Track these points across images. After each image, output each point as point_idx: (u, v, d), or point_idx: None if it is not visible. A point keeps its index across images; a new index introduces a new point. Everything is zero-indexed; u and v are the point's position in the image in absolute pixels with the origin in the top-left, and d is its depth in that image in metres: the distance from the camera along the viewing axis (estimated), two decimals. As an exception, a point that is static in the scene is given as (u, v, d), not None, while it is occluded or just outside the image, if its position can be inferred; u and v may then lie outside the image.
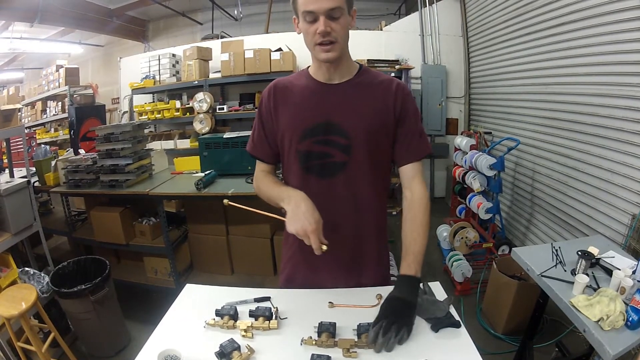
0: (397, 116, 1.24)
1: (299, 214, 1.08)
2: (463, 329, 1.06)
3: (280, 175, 1.39)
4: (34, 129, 7.20)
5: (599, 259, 1.74)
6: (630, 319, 1.36)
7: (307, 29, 1.13)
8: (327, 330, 1.04)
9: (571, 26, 3.00)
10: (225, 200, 1.28)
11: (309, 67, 1.31)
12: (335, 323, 1.06)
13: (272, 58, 4.66)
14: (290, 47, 4.94)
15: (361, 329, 1.04)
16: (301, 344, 1.03)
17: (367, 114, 1.22)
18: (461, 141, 4.12)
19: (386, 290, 1.22)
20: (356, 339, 1.02)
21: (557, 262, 1.77)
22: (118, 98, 6.69)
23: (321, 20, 1.09)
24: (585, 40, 2.85)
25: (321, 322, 1.06)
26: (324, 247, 1.06)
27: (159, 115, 5.33)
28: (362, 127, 1.21)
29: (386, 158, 1.30)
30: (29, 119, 7.29)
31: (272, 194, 1.25)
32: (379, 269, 1.36)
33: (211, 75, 5.11)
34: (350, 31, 1.18)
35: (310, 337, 1.04)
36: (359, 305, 1.17)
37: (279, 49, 4.85)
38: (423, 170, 1.31)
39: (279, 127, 1.29)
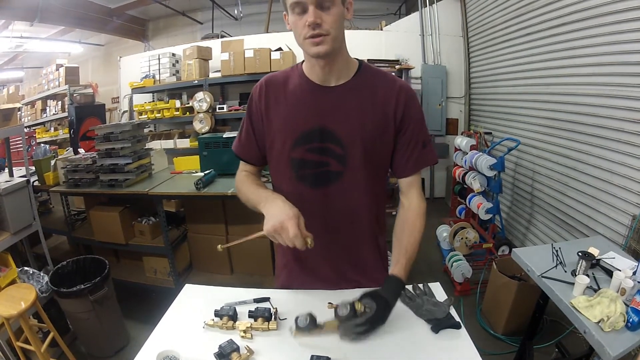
0: (397, 123, 1.15)
1: (275, 209, 1.02)
2: (463, 330, 1.06)
3: (267, 178, 1.34)
4: (33, 128, 7.20)
5: (600, 259, 1.74)
6: (631, 320, 1.36)
7: (296, 22, 1.02)
8: (305, 330, 1.00)
9: (571, 26, 3.00)
10: (219, 246, 1.16)
11: (303, 61, 1.20)
12: (310, 313, 1.02)
13: (272, 58, 4.67)
14: (290, 46, 4.93)
15: (338, 312, 1.01)
16: (294, 337, 1.02)
17: (364, 121, 1.14)
18: (461, 141, 4.11)
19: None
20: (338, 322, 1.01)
21: (558, 262, 1.77)
22: (118, 97, 6.70)
23: (310, 10, 0.99)
24: (585, 40, 2.85)
25: (295, 320, 1.02)
26: (309, 241, 0.99)
27: (159, 115, 5.34)
28: (358, 136, 1.13)
29: (384, 166, 1.23)
30: (29, 118, 7.29)
31: (251, 197, 1.19)
32: (378, 275, 1.29)
33: (211, 75, 5.12)
34: (349, 31, 1.13)
35: (296, 327, 1.01)
36: (358, 306, 1.16)
37: (279, 49, 4.85)
38: (420, 179, 1.25)
39: (270, 128, 1.21)
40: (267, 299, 1.23)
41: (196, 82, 5.01)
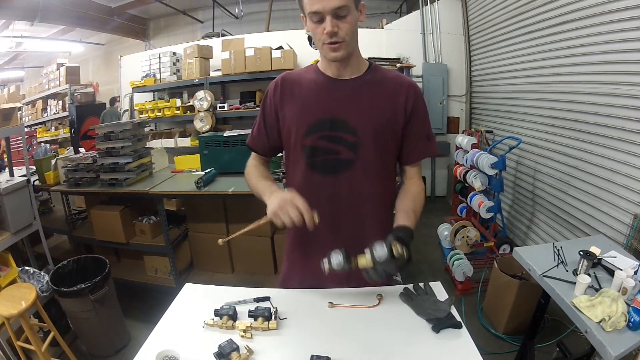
0: (407, 116, 1.23)
1: (278, 196, 1.12)
2: (464, 330, 1.06)
3: (282, 172, 1.38)
4: (34, 127, 7.22)
5: (601, 259, 1.73)
6: (632, 319, 1.35)
7: (315, 29, 1.11)
8: (339, 268, 1.08)
9: (573, 25, 2.98)
10: (220, 240, 1.25)
11: (317, 62, 1.29)
12: (344, 250, 1.09)
13: (272, 56, 4.65)
14: (291, 45, 4.93)
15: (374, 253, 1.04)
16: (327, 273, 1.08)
17: (376, 112, 1.20)
18: (462, 140, 4.10)
19: (387, 291, 1.22)
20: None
21: (559, 262, 1.76)
22: (119, 96, 6.69)
23: (327, 20, 1.06)
24: (587, 39, 2.84)
25: (329, 258, 1.09)
26: (315, 216, 1.07)
27: (160, 114, 5.34)
28: (370, 125, 1.19)
29: (392, 157, 1.29)
30: (30, 117, 7.31)
31: (257, 188, 1.27)
32: None
33: (212, 74, 5.11)
34: None
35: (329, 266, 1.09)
36: (359, 306, 1.16)
37: (280, 47, 4.84)
38: (421, 166, 1.35)
39: (284, 121, 1.27)
40: (267, 299, 1.22)
41: (197, 80, 5.01)
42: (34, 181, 3.06)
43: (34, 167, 3.32)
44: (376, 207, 1.27)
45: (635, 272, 1.54)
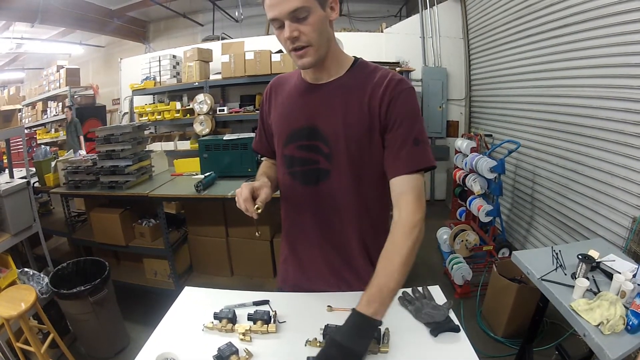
0: (382, 120, 1.07)
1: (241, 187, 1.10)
2: (462, 334, 1.06)
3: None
4: (34, 129, 7.23)
5: (600, 262, 1.74)
6: (631, 323, 1.35)
7: (278, 36, 1.03)
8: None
9: (572, 29, 3.00)
10: (257, 233, 1.37)
11: None
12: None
13: (272, 60, 4.66)
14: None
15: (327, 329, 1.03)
16: (305, 345, 1.02)
17: (348, 118, 1.10)
18: (462, 144, 4.11)
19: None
20: None
21: (558, 265, 1.77)
22: (119, 99, 6.71)
23: (286, 25, 0.98)
24: (585, 42, 2.85)
25: (327, 324, 1.05)
26: (259, 205, 1.06)
27: (159, 117, 5.35)
28: (342, 133, 1.10)
29: (375, 167, 1.14)
30: (30, 119, 7.32)
31: None
32: (369, 279, 1.28)
33: (212, 77, 5.12)
34: (350, 33, 1.14)
35: (315, 339, 1.03)
36: (358, 309, 1.16)
37: (280, 51, 4.85)
38: (420, 186, 1.05)
39: (272, 128, 1.27)
40: (266, 302, 1.22)
41: (197, 84, 5.02)
42: (33, 183, 3.07)
43: (33, 169, 3.32)
44: (357, 219, 1.19)
45: (634, 276, 1.54)
